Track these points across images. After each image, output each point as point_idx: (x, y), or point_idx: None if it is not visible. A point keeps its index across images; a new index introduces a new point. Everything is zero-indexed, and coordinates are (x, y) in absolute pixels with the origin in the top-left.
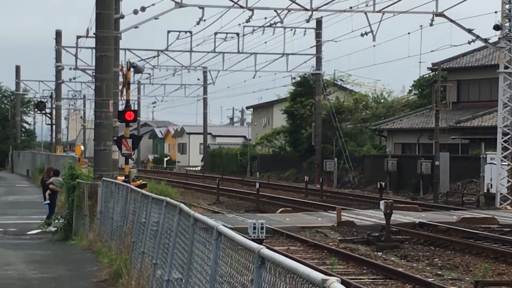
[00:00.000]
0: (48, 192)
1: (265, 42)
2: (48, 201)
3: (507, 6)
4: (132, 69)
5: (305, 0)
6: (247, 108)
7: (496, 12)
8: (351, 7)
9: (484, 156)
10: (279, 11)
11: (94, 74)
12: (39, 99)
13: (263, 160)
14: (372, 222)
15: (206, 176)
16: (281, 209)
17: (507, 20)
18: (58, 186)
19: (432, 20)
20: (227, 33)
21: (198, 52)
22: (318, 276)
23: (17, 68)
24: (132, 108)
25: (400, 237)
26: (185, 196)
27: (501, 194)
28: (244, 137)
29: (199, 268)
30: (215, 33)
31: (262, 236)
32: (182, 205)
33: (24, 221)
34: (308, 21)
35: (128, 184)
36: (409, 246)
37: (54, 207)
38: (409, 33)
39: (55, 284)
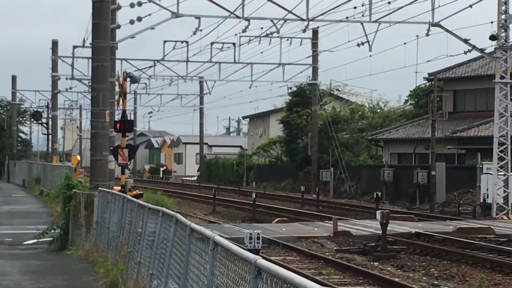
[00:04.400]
0: None
1: (262, 52)
2: None
3: (503, 16)
4: (128, 79)
5: (301, 10)
6: (244, 118)
7: (492, 22)
8: (347, 17)
9: (481, 166)
10: (275, 21)
11: (90, 84)
12: (35, 109)
13: (260, 170)
14: (369, 232)
15: (203, 186)
16: (278, 219)
17: (503, 30)
18: None
19: (428, 30)
20: (223, 43)
21: (195, 62)
22: (314, 286)
23: (14, 78)
24: (129, 118)
25: (397, 247)
26: (181, 206)
27: (497, 204)
28: (241, 147)
29: (195, 278)
30: (212, 43)
31: (258, 246)
32: (178, 215)
33: (20, 231)
34: (304, 31)
35: (124, 194)
36: (405, 256)
37: None
38: (405, 43)
39: None
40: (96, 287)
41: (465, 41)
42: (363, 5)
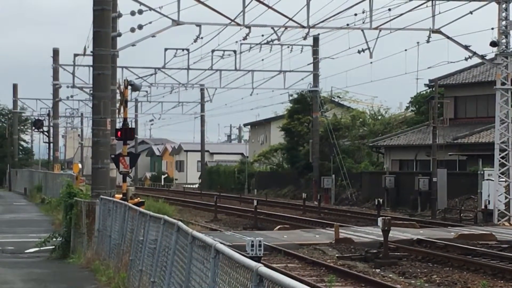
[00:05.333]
0: None
1: (262, 60)
2: None
3: (503, 23)
4: (129, 87)
5: (302, 17)
6: (245, 125)
7: (492, 28)
8: (348, 24)
9: (482, 172)
10: (276, 29)
11: (91, 92)
12: (36, 117)
13: (261, 177)
14: (370, 239)
15: (204, 193)
16: (279, 226)
17: (503, 37)
18: None
19: (429, 36)
20: (224, 51)
21: (195, 69)
22: None
23: (15, 87)
24: (130, 126)
25: (398, 254)
26: (183, 214)
27: (499, 210)
28: (242, 154)
29: (197, 286)
30: (212, 51)
31: (260, 254)
32: (180, 223)
33: (22, 240)
34: (305, 38)
35: (125, 202)
36: (407, 263)
37: None
38: (406, 50)
39: None
40: None
41: (466, 47)
42: (363, 12)
